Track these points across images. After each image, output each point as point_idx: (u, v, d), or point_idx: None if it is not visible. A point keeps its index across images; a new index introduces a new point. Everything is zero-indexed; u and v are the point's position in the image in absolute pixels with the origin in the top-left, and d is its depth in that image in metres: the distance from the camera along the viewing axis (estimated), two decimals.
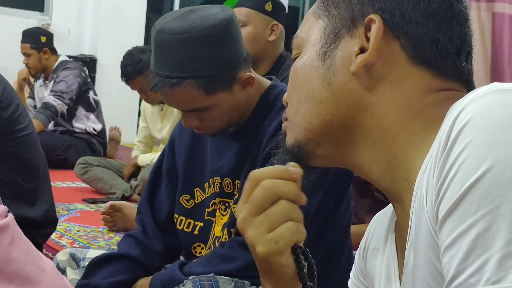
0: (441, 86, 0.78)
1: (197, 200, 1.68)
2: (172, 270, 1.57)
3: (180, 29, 1.46)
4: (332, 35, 0.81)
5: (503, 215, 0.56)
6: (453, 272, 0.58)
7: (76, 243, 3.00)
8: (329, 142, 0.81)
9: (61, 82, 4.92)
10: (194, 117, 1.54)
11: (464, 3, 0.83)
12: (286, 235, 0.73)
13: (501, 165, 0.57)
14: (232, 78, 1.51)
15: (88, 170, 4.15)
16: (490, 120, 0.59)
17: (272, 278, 0.79)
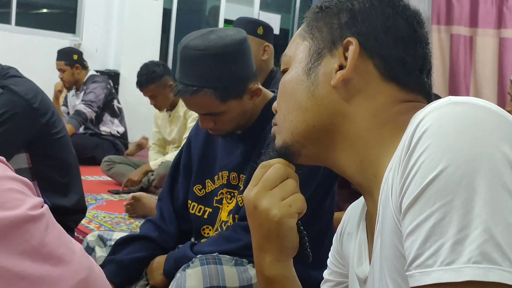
0: (406, 98, 0.78)
1: (207, 189, 1.69)
2: (184, 249, 1.58)
3: (201, 46, 1.47)
4: (316, 54, 0.81)
5: (456, 207, 0.56)
6: (413, 255, 0.58)
7: (102, 228, 3.00)
8: (312, 144, 0.82)
9: (90, 93, 4.96)
10: (209, 120, 1.56)
11: (425, 29, 0.83)
12: (297, 202, 0.80)
13: (454, 166, 0.57)
14: (243, 89, 1.53)
15: (112, 166, 4.16)
16: (445, 128, 0.59)
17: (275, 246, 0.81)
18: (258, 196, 0.79)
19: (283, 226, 0.79)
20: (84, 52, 5.51)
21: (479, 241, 0.54)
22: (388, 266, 0.68)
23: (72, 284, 0.70)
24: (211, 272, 1.37)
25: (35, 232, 0.68)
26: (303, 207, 0.80)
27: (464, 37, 6.91)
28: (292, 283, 0.84)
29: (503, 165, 0.56)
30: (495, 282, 0.53)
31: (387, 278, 0.68)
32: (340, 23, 0.80)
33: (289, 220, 0.79)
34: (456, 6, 6.97)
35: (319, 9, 0.84)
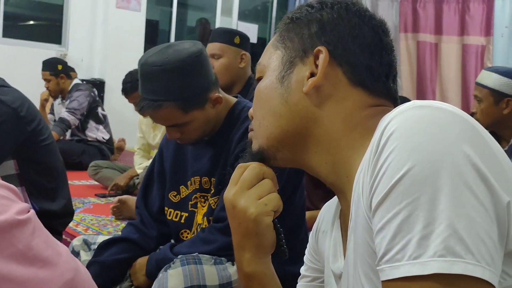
0: (374, 102, 0.79)
1: (182, 195, 1.68)
2: (164, 251, 1.57)
3: (159, 62, 1.46)
4: (288, 62, 0.81)
5: (422, 205, 0.56)
6: (383, 251, 0.58)
7: (89, 230, 2.97)
8: (286, 148, 0.82)
9: (74, 101, 4.92)
10: (176, 131, 1.55)
11: (390, 37, 0.84)
12: (273, 200, 0.80)
13: (419, 166, 0.57)
14: (204, 99, 1.52)
15: (98, 171, 4.12)
16: (410, 131, 0.60)
17: (253, 243, 0.81)
18: (236, 196, 0.80)
19: (260, 224, 0.79)
20: (70, 62, 5.47)
21: (444, 236, 0.54)
22: (361, 261, 0.68)
23: (58, 286, 0.70)
24: (192, 272, 1.37)
25: (22, 236, 0.67)
26: (279, 205, 0.80)
27: (429, 44, 7.00)
28: (270, 278, 0.84)
29: (464, 164, 0.57)
30: (459, 274, 0.54)
31: (361, 273, 0.69)
32: (310, 33, 0.80)
33: (265, 218, 0.79)
34: (421, 15, 7.05)
35: (290, 20, 0.84)
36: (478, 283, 0.54)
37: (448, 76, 6.78)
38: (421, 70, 7.09)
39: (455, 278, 0.54)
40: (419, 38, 7.13)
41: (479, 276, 0.54)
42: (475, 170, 0.57)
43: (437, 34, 6.96)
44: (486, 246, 0.55)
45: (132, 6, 6.86)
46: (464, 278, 0.54)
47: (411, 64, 7.14)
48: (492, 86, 2.59)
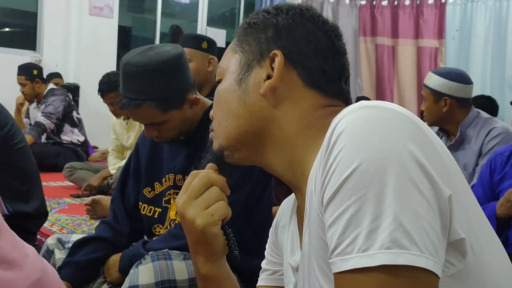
0: (328, 103, 0.79)
1: (156, 191, 1.67)
2: (137, 247, 1.55)
3: (141, 62, 1.45)
4: (246, 65, 0.81)
5: (369, 200, 0.56)
6: (334, 244, 0.58)
7: (64, 230, 2.91)
8: (245, 147, 0.81)
9: (49, 106, 4.86)
10: (154, 129, 1.54)
11: (343, 41, 0.84)
12: (219, 210, 0.77)
13: (366, 163, 0.57)
14: (182, 100, 1.51)
15: (73, 172, 4.06)
16: (358, 130, 0.60)
17: (205, 251, 0.79)
18: (184, 206, 0.77)
19: (207, 234, 0.77)
20: (45, 68, 5.39)
21: (390, 229, 0.54)
22: (315, 255, 0.68)
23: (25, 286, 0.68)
24: (162, 267, 1.35)
25: None
26: (226, 214, 0.78)
27: (387, 47, 7.08)
28: (226, 279, 0.83)
29: (409, 161, 0.57)
30: (404, 265, 0.54)
31: (315, 265, 0.68)
32: (267, 37, 0.80)
33: (212, 228, 0.77)
34: (379, 20, 7.13)
35: (247, 25, 0.84)
36: (423, 272, 0.55)
37: (405, 76, 6.87)
38: (380, 71, 7.17)
39: (401, 269, 0.54)
40: (377, 41, 7.20)
41: (423, 266, 0.54)
42: (419, 166, 0.57)
43: (393, 38, 7.05)
44: (430, 238, 0.55)
45: (105, 13, 6.77)
46: (410, 269, 0.54)
47: (370, 65, 7.22)
48: (432, 86, 2.69)
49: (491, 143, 2.59)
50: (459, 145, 2.71)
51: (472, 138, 2.67)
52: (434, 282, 0.56)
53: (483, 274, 0.62)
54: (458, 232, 0.59)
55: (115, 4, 6.81)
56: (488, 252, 0.63)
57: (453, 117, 2.68)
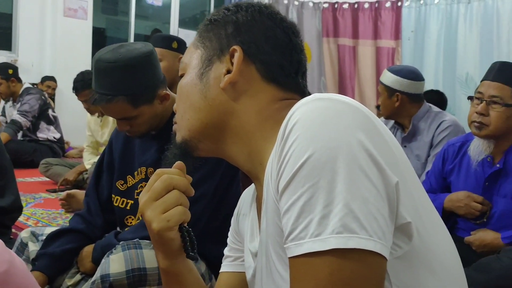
0: (285, 96, 0.78)
1: (129, 184, 1.65)
2: (109, 238, 1.53)
3: (113, 59, 1.43)
4: (207, 61, 0.80)
5: (321, 188, 0.56)
6: (289, 230, 0.57)
7: (39, 223, 2.84)
8: (207, 139, 0.80)
9: (25, 104, 4.78)
10: (125, 124, 1.52)
11: (300, 38, 0.83)
12: (176, 216, 0.73)
13: (318, 153, 0.57)
14: (153, 95, 1.49)
15: (49, 168, 3.97)
16: (311, 121, 0.59)
17: (163, 250, 0.78)
18: (144, 206, 0.74)
19: (162, 237, 0.75)
20: (21, 67, 5.28)
21: (341, 215, 0.55)
22: (272, 240, 0.68)
23: None
24: (132, 256, 1.33)
25: None
26: (182, 219, 0.74)
27: (348, 47, 7.14)
28: (185, 274, 0.82)
29: (359, 150, 0.57)
30: (354, 249, 0.54)
31: (272, 251, 0.68)
32: (227, 33, 0.79)
33: (168, 233, 0.74)
34: (341, 22, 7.18)
35: (209, 22, 0.83)
36: (371, 255, 0.55)
37: (365, 74, 6.95)
38: (342, 70, 7.23)
39: (351, 252, 0.54)
40: (339, 42, 7.26)
41: (371, 249, 0.55)
42: (368, 155, 0.57)
43: (354, 38, 7.12)
44: (378, 223, 0.56)
45: (79, 15, 6.65)
46: (359, 252, 0.54)
47: (333, 64, 7.27)
48: (386, 82, 2.74)
49: (441, 135, 2.65)
50: (412, 137, 2.76)
51: (424, 131, 2.72)
52: (382, 264, 0.56)
53: (428, 255, 0.63)
54: (405, 216, 0.59)
55: (89, 6, 6.69)
56: (432, 235, 0.64)
57: (405, 111, 2.73)
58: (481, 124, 1.94)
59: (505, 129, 1.91)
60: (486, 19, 5.83)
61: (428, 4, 6.42)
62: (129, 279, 1.30)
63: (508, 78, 1.91)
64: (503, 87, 1.90)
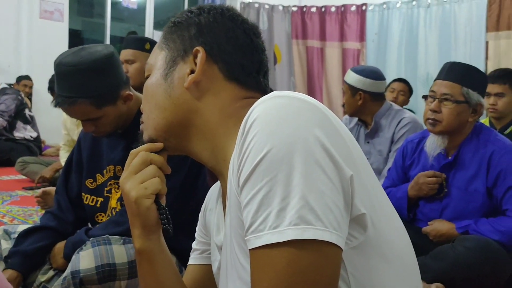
0: (247, 95, 0.78)
1: (98, 182, 1.61)
2: (80, 234, 1.50)
3: (73, 62, 1.39)
4: (171, 61, 0.79)
5: (279, 181, 0.55)
6: (249, 223, 0.57)
7: (15, 220, 2.78)
8: (172, 137, 0.79)
9: (1, 104, 4.70)
10: (90, 124, 1.48)
11: (261, 39, 0.83)
12: (153, 184, 0.76)
13: (276, 148, 0.56)
14: (115, 96, 1.46)
15: (25, 166, 3.88)
16: (269, 117, 0.59)
17: (140, 222, 0.78)
18: (124, 180, 0.77)
19: (140, 206, 0.76)
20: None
21: (297, 207, 0.54)
22: (234, 233, 0.67)
23: None
24: (102, 252, 1.31)
25: None
26: (159, 189, 0.77)
27: (316, 49, 7.18)
28: (158, 254, 0.81)
29: (315, 145, 0.57)
30: (310, 239, 0.54)
31: (235, 243, 0.68)
32: (190, 35, 0.78)
33: (145, 200, 0.76)
34: (309, 25, 7.22)
35: (173, 24, 0.82)
36: (327, 245, 0.55)
37: (332, 75, 7.01)
38: (310, 70, 7.27)
39: (307, 243, 0.54)
40: (307, 44, 7.30)
41: (327, 239, 0.54)
42: (324, 150, 0.57)
43: (322, 40, 7.16)
44: (334, 214, 0.56)
45: (55, 17, 6.52)
46: (315, 242, 0.54)
47: (302, 65, 7.30)
48: (349, 82, 2.77)
49: (401, 131, 2.69)
50: (375, 133, 2.80)
51: (385, 127, 2.75)
52: (338, 254, 0.56)
53: (382, 244, 0.63)
54: (359, 208, 0.59)
55: (65, 9, 6.57)
56: (386, 225, 0.64)
57: (368, 109, 2.77)
58: (434, 121, 1.98)
59: (457, 125, 1.96)
60: (444, 22, 5.94)
61: (390, 8, 6.51)
62: (99, 274, 1.28)
63: (458, 77, 1.96)
64: (454, 85, 1.95)
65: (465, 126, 1.98)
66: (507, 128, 2.96)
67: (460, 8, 5.82)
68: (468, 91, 1.93)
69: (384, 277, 0.63)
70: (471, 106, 1.94)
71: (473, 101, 1.94)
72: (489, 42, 5.54)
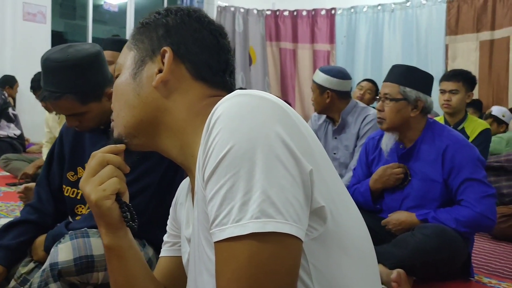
0: (213, 93, 0.76)
1: (79, 175, 1.58)
2: (60, 227, 1.46)
3: (61, 58, 1.37)
4: (140, 61, 0.77)
5: (241, 177, 0.55)
6: (213, 217, 0.56)
7: None
8: (141, 134, 0.77)
9: None
10: (74, 119, 1.45)
11: (227, 39, 0.81)
12: (111, 185, 0.73)
13: (238, 144, 0.56)
14: (100, 93, 1.44)
15: (9, 163, 3.79)
16: (232, 115, 0.58)
17: (104, 221, 0.76)
18: (83, 184, 0.74)
19: (101, 208, 0.73)
20: None
21: (259, 201, 0.54)
22: (201, 227, 0.66)
23: None
24: (80, 245, 1.28)
25: None
26: (119, 188, 0.74)
27: (289, 50, 7.20)
28: (127, 249, 0.79)
29: (276, 141, 0.56)
30: (271, 232, 0.53)
31: (202, 236, 0.67)
32: (158, 35, 0.77)
33: (105, 202, 0.73)
34: (282, 28, 7.23)
35: (141, 25, 0.80)
36: (287, 237, 0.54)
37: (304, 75, 7.03)
38: (284, 71, 7.28)
39: (269, 235, 0.53)
40: (281, 45, 7.31)
41: (287, 232, 0.54)
42: (285, 146, 0.57)
43: (294, 42, 7.19)
44: (294, 207, 0.55)
45: (38, 19, 6.38)
46: (276, 235, 0.54)
47: (275, 66, 7.31)
48: (317, 81, 2.79)
49: (366, 127, 2.71)
50: (342, 129, 2.81)
51: (352, 124, 2.77)
52: (298, 246, 0.56)
53: (341, 235, 0.63)
54: (319, 201, 0.59)
55: (48, 11, 6.43)
56: (345, 217, 0.64)
57: (335, 106, 2.78)
58: (380, 119, 2.08)
59: (399, 121, 2.03)
60: (407, 26, 6.02)
61: (357, 12, 6.56)
62: (77, 266, 1.25)
63: (396, 77, 2.05)
64: (392, 85, 2.04)
65: (410, 121, 2.03)
66: (460, 125, 3.04)
67: (421, 13, 5.91)
68: (405, 89, 2.01)
69: (343, 266, 0.62)
70: (410, 102, 2.01)
71: (411, 98, 2.01)
72: (448, 44, 5.63)
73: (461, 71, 3.15)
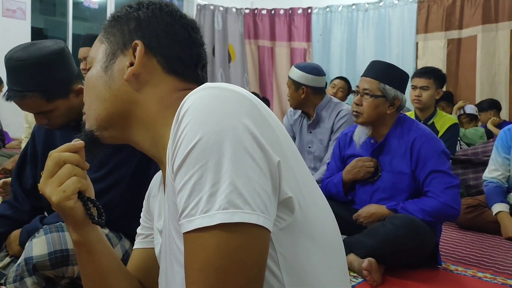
0: (184, 87, 0.75)
1: None
2: (34, 222, 1.44)
3: (22, 57, 1.33)
4: (111, 54, 0.75)
5: (209, 168, 0.54)
6: (182, 208, 0.55)
7: None
8: (113, 127, 0.76)
9: None
10: (42, 117, 1.42)
11: (200, 34, 0.80)
12: (70, 185, 0.70)
13: (207, 136, 0.55)
14: (67, 90, 1.40)
15: None
16: (201, 107, 0.57)
17: (70, 220, 0.73)
18: (42, 186, 0.70)
19: (63, 209, 0.71)
20: None
21: (226, 192, 0.53)
22: (171, 218, 0.65)
23: None
24: (54, 239, 1.25)
25: None
26: (78, 187, 0.71)
27: (267, 48, 7.18)
28: (95, 244, 0.77)
29: (244, 133, 0.56)
30: (239, 223, 0.53)
31: (172, 227, 0.66)
32: (129, 29, 0.75)
33: (66, 203, 0.70)
34: (260, 26, 7.21)
35: (113, 18, 0.78)
36: (255, 227, 0.54)
37: (281, 72, 7.03)
38: (262, 68, 7.27)
39: (236, 226, 0.53)
40: (259, 43, 7.28)
41: (255, 222, 0.53)
42: (253, 138, 0.56)
43: (272, 40, 7.17)
44: (261, 198, 0.54)
45: (18, 15, 6.21)
46: (243, 225, 0.53)
47: (254, 63, 7.29)
48: (293, 77, 2.80)
49: (340, 122, 2.73)
50: (316, 124, 2.82)
51: (326, 118, 2.79)
52: (266, 236, 0.55)
53: (309, 225, 0.62)
54: (286, 192, 0.58)
55: (27, 7, 6.26)
56: (313, 208, 0.64)
57: (310, 101, 2.79)
58: (357, 113, 2.07)
59: (376, 116, 2.04)
60: (380, 25, 6.07)
61: (333, 12, 6.59)
62: (52, 260, 1.22)
63: (376, 73, 2.04)
64: (372, 81, 2.03)
65: (385, 118, 2.04)
66: (429, 120, 3.08)
67: (393, 12, 5.96)
68: (385, 87, 2.01)
69: (311, 255, 0.62)
70: (388, 100, 2.02)
71: (390, 96, 2.02)
72: (418, 42, 5.70)
73: (433, 68, 3.20)
